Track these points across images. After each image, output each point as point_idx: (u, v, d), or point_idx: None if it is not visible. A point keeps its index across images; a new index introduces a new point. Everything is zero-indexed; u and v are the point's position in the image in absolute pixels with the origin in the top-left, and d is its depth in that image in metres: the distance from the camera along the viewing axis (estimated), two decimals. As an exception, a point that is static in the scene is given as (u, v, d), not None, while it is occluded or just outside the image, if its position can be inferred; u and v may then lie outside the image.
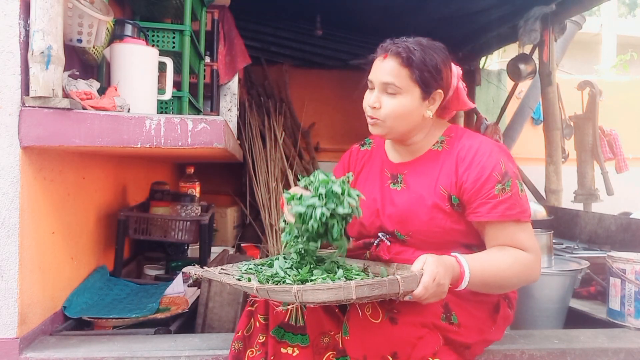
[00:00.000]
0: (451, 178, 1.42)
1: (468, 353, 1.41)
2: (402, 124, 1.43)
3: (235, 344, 1.38)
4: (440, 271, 1.19)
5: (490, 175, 1.37)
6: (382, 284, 1.12)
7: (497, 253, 1.37)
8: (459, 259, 1.29)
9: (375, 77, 1.43)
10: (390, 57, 1.40)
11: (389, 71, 1.40)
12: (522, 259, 1.37)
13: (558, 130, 4.03)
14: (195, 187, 2.69)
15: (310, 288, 1.12)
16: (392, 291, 1.13)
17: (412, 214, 1.44)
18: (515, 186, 1.38)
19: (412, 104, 1.42)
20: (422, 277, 1.17)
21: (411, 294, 1.18)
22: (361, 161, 1.65)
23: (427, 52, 1.41)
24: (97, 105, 1.55)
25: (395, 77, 1.39)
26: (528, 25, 3.73)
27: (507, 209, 1.36)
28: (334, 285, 1.11)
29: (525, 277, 1.40)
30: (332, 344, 1.30)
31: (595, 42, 9.93)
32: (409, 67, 1.39)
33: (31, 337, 1.56)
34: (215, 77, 3.12)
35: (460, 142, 1.47)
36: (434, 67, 1.41)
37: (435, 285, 1.18)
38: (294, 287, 1.11)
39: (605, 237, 2.93)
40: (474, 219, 1.39)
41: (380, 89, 1.42)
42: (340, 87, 5.17)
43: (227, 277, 1.32)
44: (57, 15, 1.46)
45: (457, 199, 1.42)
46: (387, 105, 1.41)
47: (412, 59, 1.39)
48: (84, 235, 1.99)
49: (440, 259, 1.23)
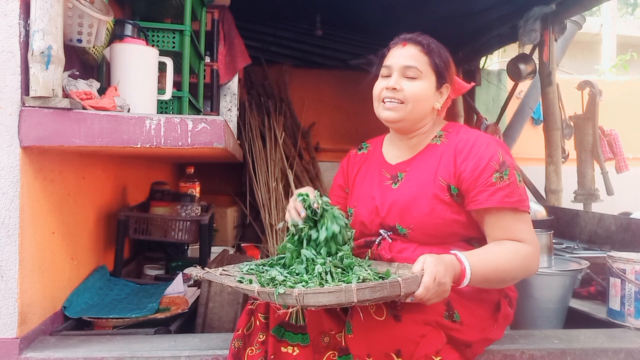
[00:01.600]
0: (450, 169, 1.45)
1: (469, 352, 1.41)
2: (419, 108, 1.49)
3: (235, 342, 1.38)
4: (440, 270, 1.20)
5: (488, 164, 1.40)
6: (384, 287, 1.12)
7: (496, 247, 1.38)
8: (459, 257, 1.29)
9: (396, 62, 1.49)
10: (411, 45, 1.50)
11: (411, 55, 1.48)
12: (521, 251, 1.38)
13: (558, 130, 4.03)
14: (195, 187, 2.69)
15: (311, 291, 1.12)
16: (394, 293, 1.13)
17: (413, 206, 1.46)
18: (513, 175, 1.41)
19: (429, 90, 1.50)
20: (422, 278, 1.17)
21: (413, 295, 1.18)
22: (358, 164, 1.68)
23: (440, 46, 1.52)
24: (97, 105, 1.55)
25: (417, 62, 1.48)
26: (528, 25, 3.73)
27: (505, 196, 1.38)
28: (335, 288, 1.11)
29: (525, 270, 1.40)
30: (332, 344, 1.30)
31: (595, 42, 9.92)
32: (429, 55, 1.48)
33: (31, 337, 1.56)
34: (215, 77, 3.12)
35: (458, 135, 1.51)
36: (446, 59, 1.52)
37: (436, 284, 1.18)
38: (295, 290, 1.12)
39: (605, 237, 2.93)
40: (473, 207, 1.41)
41: (400, 73, 1.48)
42: (340, 87, 5.17)
43: (229, 278, 1.32)
44: (57, 15, 1.46)
45: (456, 189, 1.44)
46: (408, 87, 1.47)
47: (432, 47, 1.49)
48: (84, 235, 1.99)
49: (440, 258, 1.24)
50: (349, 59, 4.89)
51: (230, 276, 1.37)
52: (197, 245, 2.48)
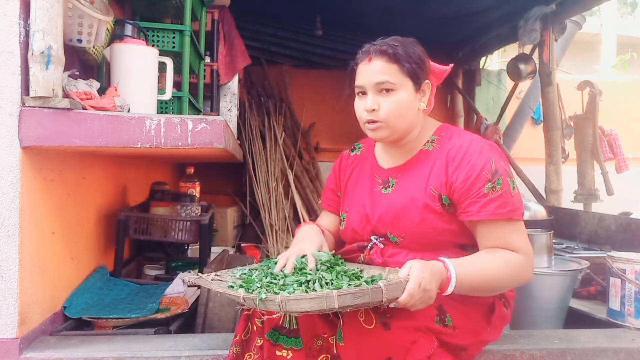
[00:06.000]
0: (441, 178, 1.42)
1: (465, 354, 1.40)
2: (402, 121, 1.43)
3: (233, 348, 1.37)
4: (426, 277, 1.18)
5: (480, 174, 1.36)
6: (365, 293, 1.11)
7: (487, 256, 1.36)
8: (447, 264, 1.28)
9: (366, 80, 1.43)
10: (376, 58, 1.42)
11: (379, 70, 1.41)
12: (513, 260, 1.36)
13: (558, 130, 4.03)
14: (195, 187, 2.69)
15: (293, 297, 1.14)
16: (376, 299, 1.13)
17: (404, 215, 1.43)
18: (506, 184, 1.37)
19: (408, 98, 1.42)
20: (407, 284, 1.16)
21: (396, 301, 1.17)
22: (350, 166, 1.65)
23: (407, 46, 1.43)
24: (97, 105, 1.55)
25: (387, 75, 1.40)
26: (528, 25, 3.73)
27: (497, 207, 1.35)
28: (317, 294, 1.13)
29: (516, 279, 1.39)
30: (325, 347, 1.29)
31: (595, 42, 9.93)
32: (397, 62, 1.41)
33: (31, 337, 1.56)
34: (215, 77, 3.12)
35: (450, 141, 1.47)
36: (417, 58, 1.43)
37: (421, 291, 1.16)
38: (278, 297, 1.13)
39: (605, 237, 2.93)
40: (465, 218, 1.39)
41: (374, 91, 1.42)
42: (340, 87, 5.09)
43: (218, 284, 1.34)
44: (57, 15, 1.46)
45: (448, 199, 1.41)
46: (385, 105, 1.41)
47: (398, 53, 1.41)
48: (84, 235, 1.99)
49: (427, 265, 1.22)
50: (349, 59, 4.85)
51: (222, 281, 1.38)
52: (197, 245, 2.48)
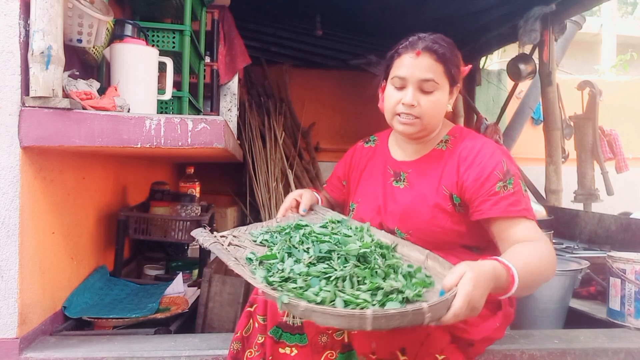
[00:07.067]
0: (453, 178, 1.43)
1: (471, 351, 1.40)
2: (435, 121, 1.46)
3: (233, 344, 1.38)
4: (476, 294, 1.03)
5: (492, 174, 1.37)
6: (405, 315, 0.96)
7: (525, 249, 1.27)
8: (506, 263, 1.16)
9: (411, 74, 1.41)
10: (425, 54, 1.41)
11: (427, 68, 1.40)
12: (544, 248, 1.29)
13: (558, 130, 4.03)
14: (195, 187, 2.69)
15: (320, 310, 0.98)
16: (416, 322, 0.98)
17: (414, 212, 1.44)
18: (518, 184, 1.38)
19: (444, 100, 1.45)
20: (454, 301, 1.01)
21: (438, 320, 1.03)
22: (365, 158, 1.67)
23: (451, 48, 1.44)
24: (97, 105, 1.55)
25: (434, 74, 1.41)
26: (528, 25, 3.73)
27: (510, 204, 1.35)
28: (347, 312, 0.97)
29: (553, 268, 1.30)
30: (330, 343, 1.29)
31: (595, 42, 9.92)
32: (444, 63, 1.41)
33: (31, 337, 1.56)
34: (215, 77, 3.12)
35: (463, 142, 1.48)
36: (458, 62, 1.45)
37: (468, 310, 1.02)
38: (302, 304, 0.99)
39: (605, 237, 2.93)
40: (478, 217, 1.39)
41: (416, 87, 1.42)
42: (340, 87, 5.17)
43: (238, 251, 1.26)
44: (57, 15, 1.46)
45: (459, 199, 1.42)
46: (425, 103, 1.42)
47: (446, 55, 1.41)
48: (84, 235, 1.99)
49: (480, 276, 1.06)
50: (349, 59, 4.89)
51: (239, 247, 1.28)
52: (197, 246, 2.47)
